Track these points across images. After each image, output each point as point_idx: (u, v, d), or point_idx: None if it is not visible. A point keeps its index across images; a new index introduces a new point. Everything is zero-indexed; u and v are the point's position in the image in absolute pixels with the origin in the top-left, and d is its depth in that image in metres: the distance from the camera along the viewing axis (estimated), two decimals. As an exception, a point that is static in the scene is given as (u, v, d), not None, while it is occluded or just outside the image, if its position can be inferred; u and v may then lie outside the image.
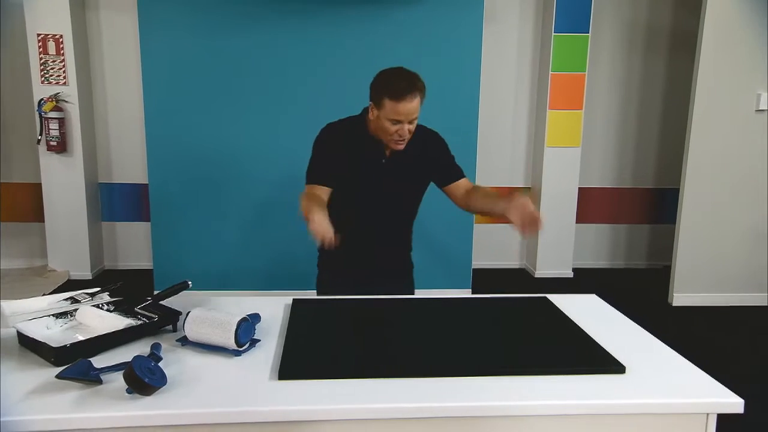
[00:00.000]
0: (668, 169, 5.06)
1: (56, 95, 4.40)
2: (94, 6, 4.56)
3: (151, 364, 1.31)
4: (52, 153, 4.45)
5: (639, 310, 4.13)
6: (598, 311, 1.94)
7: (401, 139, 1.99)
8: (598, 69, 4.92)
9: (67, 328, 1.62)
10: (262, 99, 4.07)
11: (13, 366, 1.42)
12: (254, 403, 1.28)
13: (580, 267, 5.09)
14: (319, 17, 3.99)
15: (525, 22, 4.84)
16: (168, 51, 3.98)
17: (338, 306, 1.89)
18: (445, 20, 4.04)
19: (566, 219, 4.87)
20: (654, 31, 4.93)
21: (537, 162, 4.93)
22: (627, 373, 1.46)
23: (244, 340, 1.51)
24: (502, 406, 1.33)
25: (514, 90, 4.94)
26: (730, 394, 1.37)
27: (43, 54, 4.38)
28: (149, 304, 1.71)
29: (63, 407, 1.24)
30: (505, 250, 5.18)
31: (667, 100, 5.04)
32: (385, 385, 1.37)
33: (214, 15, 3.95)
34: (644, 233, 5.27)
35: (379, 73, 2.01)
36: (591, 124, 4.98)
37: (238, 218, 4.21)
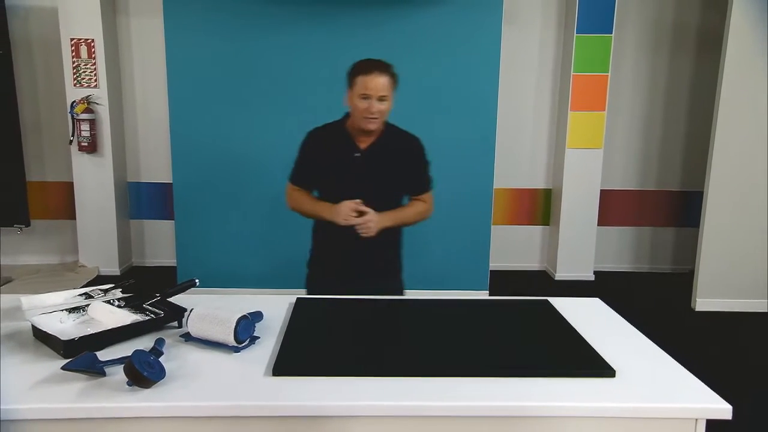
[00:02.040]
0: (694, 171, 4.96)
1: (87, 97, 4.56)
2: (124, 11, 4.72)
3: (150, 358, 1.38)
4: (83, 153, 4.62)
5: (661, 315, 4.16)
6: (599, 315, 1.94)
7: (371, 116, 2.12)
8: (622, 70, 4.86)
9: (79, 322, 1.70)
10: (282, 100, 4.15)
11: (26, 357, 1.51)
12: (247, 398, 1.34)
13: (601, 270, 5.04)
14: (339, 19, 4.04)
15: (547, 24, 4.82)
16: (192, 54, 4.09)
17: (339, 305, 1.93)
18: (463, 22, 4.05)
19: (587, 221, 4.83)
20: (680, 30, 4.84)
21: (558, 164, 4.90)
22: (617, 377, 1.46)
23: (243, 337, 1.57)
24: (489, 406, 1.35)
25: (536, 91, 4.91)
26: (719, 399, 1.37)
27: (76, 58, 4.55)
28: (157, 300, 1.78)
29: (67, 397, 1.31)
30: (525, 252, 5.16)
31: (694, 100, 4.94)
32: (378, 383, 1.40)
33: (236, 19, 4.05)
34: (669, 236, 5.18)
35: None
36: (614, 125, 4.92)
37: (259, 217, 4.30)
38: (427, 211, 2.37)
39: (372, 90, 2.09)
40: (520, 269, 5.13)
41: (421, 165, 2.32)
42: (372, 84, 2.09)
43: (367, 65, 2.14)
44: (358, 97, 2.12)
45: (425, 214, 2.36)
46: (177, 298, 1.84)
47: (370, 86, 2.09)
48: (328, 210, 2.14)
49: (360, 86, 2.11)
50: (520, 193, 5.08)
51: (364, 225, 2.09)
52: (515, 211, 5.10)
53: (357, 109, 2.14)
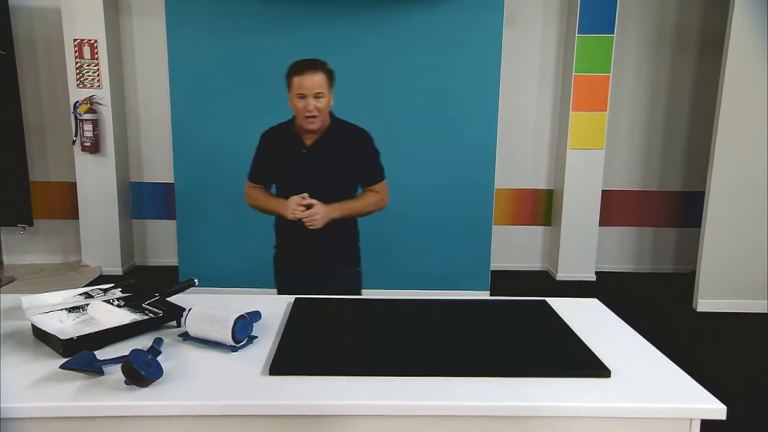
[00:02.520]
0: (696, 172, 4.96)
1: (90, 98, 4.59)
2: (126, 12, 4.74)
3: (147, 358, 1.39)
4: (86, 153, 4.64)
5: (662, 316, 4.16)
6: (597, 315, 1.95)
7: (310, 114, 2.18)
8: (624, 70, 4.86)
9: (78, 321, 1.72)
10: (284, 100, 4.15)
11: (26, 356, 1.52)
12: (243, 397, 1.35)
13: (603, 270, 5.04)
14: (340, 20, 4.06)
15: (548, 24, 4.82)
16: (194, 54, 4.11)
17: (338, 306, 1.94)
18: (464, 22, 4.06)
19: (589, 222, 4.83)
20: (681, 31, 4.84)
21: (560, 164, 4.90)
22: (613, 377, 1.47)
23: (240, 337, 1.58)
24: (485, 406, 1.36)
25: (537, 92, 4.92)
26: (714, 400, 1.37)
27: (79, 58, 4.58)
28: (156, 300, 1.80)
29: (65, 396, 1.32)
30: (527, 252, 5.17)
31: (696, 101, 4.94)
32: (373, 383, 1.41)
33: (238, 19, 4.06)
34: (671, 237, 5.18)
35: None
36: (615, 126, 4.92)
37: (261, 217, 4.29)
38: (381, 201, 2.40)
39: (307, 89, 2.16)
40: (521, 269, 5.14)
41: (369, 156, 2.37)
42: (306, 83, 2.15)
43: (300, 65, 2.20)
44: (295, 97, 2.19)
45: (379, 204, 2.39)
46: (176, 298, 1.85)
47: (304, 85, 2.16)
48: (281, 205, 2.23)
49: (296, 86, 2.18)
50: (521, 194, 5.08)
51: (310, 218, 2.14)
52: (517, 211, 5.11)
53: (297, 110, 2.22)
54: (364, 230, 4.24)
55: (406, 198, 4.28)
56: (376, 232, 4.33)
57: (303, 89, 2.16)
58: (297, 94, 2.18)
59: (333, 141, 2.29)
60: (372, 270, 4.30)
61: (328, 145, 2.29)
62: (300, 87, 2.16)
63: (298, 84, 2.17)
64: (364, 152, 2.35)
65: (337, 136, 2.30)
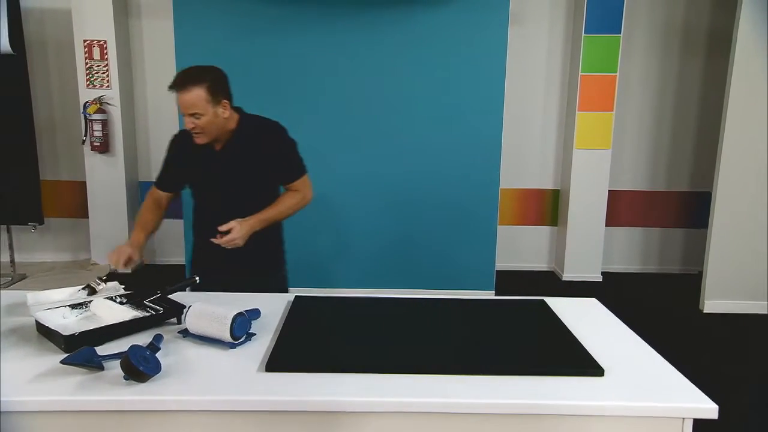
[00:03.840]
0: (704, 172, 4.93)
1: (100, 98, 4.65)
2: (136, 14, 4.79)
3: (146, 353, 1.42)
4: (95, 153, 4.70)
5: (669, 317, 4.15)
6: (595, 315, 1.95)
7: (192, 131, 2.08)
8: (631, 70, 4.84)
9: (81, 318, 1.75)
10: (291, 101, 4.19)
11: (29, 351, 1.56)
12: (238, 392, 1.37)
13: (609, 271, 5.02)
14: (345, 21, 4.08)
15: (555, 24, 4.81)
16: (201, 56, 4.08)
17: (336, 304, 1.96)
18: (469, 22, 4.06)
19: (595, 222, 4.82)
20: (689, 31, 4.81)
21: (566, 164, 4.89)
22: (606, 376, 1.48)
23: (239, 334, 1.61)
24: (478, 404, 1.37)
25: (543, 91, 4.91)
26: (706, 399, 1.38)
27: (89, 59, 4.63)
28: (158, 297, 1.82)
29: (65, 390, 1.36)
30: (533, 252, 5.16)
31: (704, 101, 4.91)
32: (368, 380, 1.43)
33: (245, 21, 4.09)
34: (678, 237, 5.15)
35: None
36: (622, 126, 4.90)
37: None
38: (303, 200, 2.28)
39: (183, 108, 2.05)
40: (527, 270, 5.13)
41: (283, 151, 2.24)
42: (181, 101, 2.04)
43: (177, 81, 2.06)
44: None
45: (301, 204, 2.27)
46: (178, 296, 1.88)
47: (180, 104, 2.05)
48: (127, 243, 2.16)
49: (177, 102, 2.06)
50: (528, 194, 5.07)
51: (230, 242, 2.04)
52: (523, 211, 5.10)
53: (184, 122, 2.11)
54: (371, 230, 4.30)
55: (412, 198, 4.30)
56: (381, 232, 4.37)
57: (180, 107, 2.05)
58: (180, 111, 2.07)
59: (243, 141, 2.18)
60: (377, 269, 4.37)
61: (239, 146, 2.17)
62: (178, 104, 2.06)
63: (177, 101, 2.06)
64: (278, 148, 2.22)
65: (246, 136, 2.18)
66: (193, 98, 2.02)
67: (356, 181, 4.28)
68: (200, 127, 2.07)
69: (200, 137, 2.11)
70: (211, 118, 2.07)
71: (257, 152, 2.19)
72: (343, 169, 4.26)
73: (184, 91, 2.02)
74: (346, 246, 4.36)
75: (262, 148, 2.20)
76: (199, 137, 2.11)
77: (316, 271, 4.33)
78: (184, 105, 2.03)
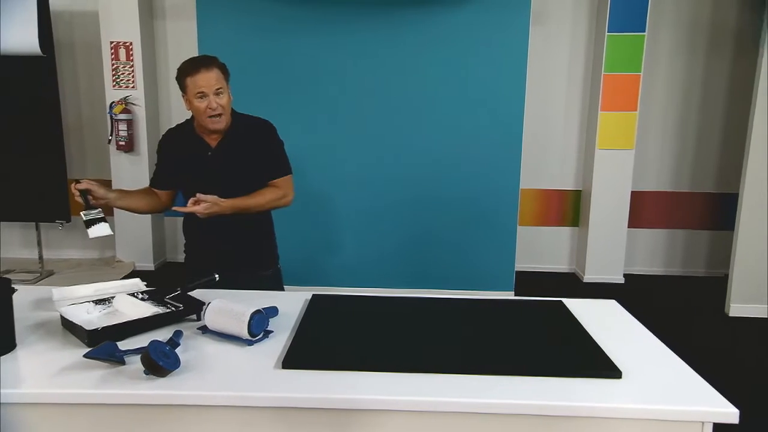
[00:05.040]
0: (730, 173, 4.83)
1: (125, 98, 4.73)
2: (161, 15, 4.87)
3: (166, 349, 1.44)
4: (120, 152, 4.79)
5: (693, 320, 4.09)
6: (614, 317, 1.93)
7: (214, 112, 2.07)
8: (655, 70, 4.77)
9: (104, 313, 1.79)
10: (312, 100, 4.22)
11: (54, 345, 1.60)
12: (255, 389, 1.39)
13: (632, 273, 4.96)
14: (364, 21, 4.09)
15: (577, 22, 4.77)
16: (223, 56, 4.15)
17: (354, 302, 1.97)
18: (490, 22, 4.05)
19: (618, 223, 4.76)
20: (716, 30, 4.72)
21: (588, 164, 4.84)
22: (624, 378, 1.46)
23: (256, 331, 1.63)
24: (494, 404, 1.37)
25: (565, 91, 4.86)
26: (727, 403, 1.35)
27: (115, 60, 4.72)
28: (178, 294, 1.86)
29: (88, 384, 1.39)
30: (554, 253, 5.11)
31: (730, 101, 4.81)
32: (384, 378, 1.44)
33: (267, 22, 4.13)
34: (704, 239, 5.05)
35: None
36: (646, 126, 4.83)
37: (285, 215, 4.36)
38: (283, 198, 2.25)
39: (205, 86, 2.05)
40: (548, 271, 5.09)
41: (271, 147, 2.25)
42: (203, 81, 2.04)
43: (190, 65, 2.07)
44: (194, 97, 2.07)
45: (280, 201, 2.25)
46: (198, 293, 1.91)
47: (201, 83, 2.04)
48: None
49: (192, 87, 2.06)
50: (549, 194, 5.03)
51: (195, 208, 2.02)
52: (544, 212, 5.06)
53: (198, 111, 2.09)
54: (390, 229, 4.30)
55: (432, 198, 4.29)
56: (400, 231, 4.37)
57: (201, 87, 2.04)
58: (196, 94, 2.05)
59: (238, 139, 2.19)
60: (395, 269, 4.38)
61: (234, 144, 2.18)
62: (197, 86, 2.05)
63: (193, 84, 2.05)
64: (268, 143, 2.24)
65: (240, 134, 2.20)
66: (215, 75, 2.06)
67: (375, 181, 4.29)
68: (222, 107, 2.09)
69: (221, 120, 2.11)
70: (228, 98, 2.12)
71: (249, 150, 2.19)
72: (362, 169, 4.28)
73: (206, 69, 2.05)
74: (364, 245, 4.37)
75: (253, 146, 2.20)
76: (219, 121, 2.11)
77: (334, 269, 4.35)
78: (210, 82, 2.04)
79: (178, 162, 2.25)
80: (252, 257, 2.30)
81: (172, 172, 2.28)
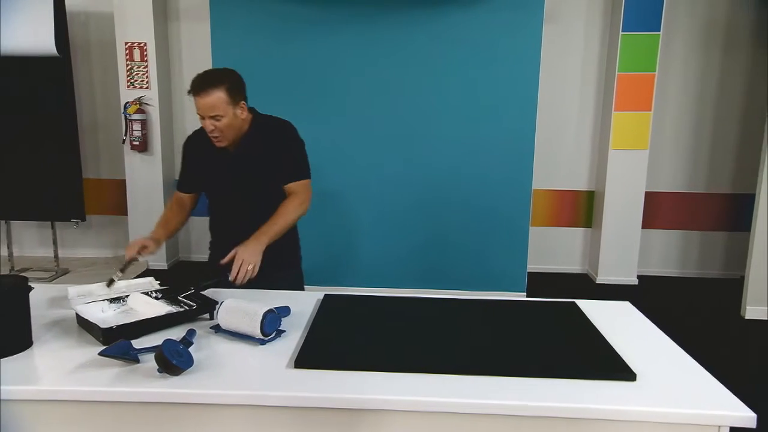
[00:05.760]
0: (746, 174, 4.78)
1: (139, 99, 4.77)
2: (174, 17, 4.91)
3: (179, 348, 1.45)
4: (134, 152, 4.83)
5: (708, 322, 4.04)
6: (628, 318, 1.91)
7: (212, 134, 2.08)
8: (670, 69, 4.72)
9: (119, 312, 1.80)
10: (326, 101, 4.23)
11: (69, 343, 1.61)
12: (267, 388, 1.39)
13: (645, 274, 4.91)
14: (377, 21, 4.10)
15: (591, 22, 4.73)
16: (237, 57, 4.21)
17: (366, 303, 1.97)
18: (503, 21, 4.03)
19: (631, 224, 4.72)
20: (733, 29, 4.66)
21: (601, 165, 4.81)
22: (638, 381, 1.45)
23: (269, 330, 1.63)
24: (507, 405, 1.36)
25: (579, 91, 4.83)
26: (743, 407, 1.34)
27: (129, 60, 4.76)
28: (191, 293, 1.87)
29: (103, 381, 1.40)
30: (567, 254, 5.08)
31: (747, 101, 4.75)
32: (396, 379, 1.44)
33: (280, 23, 4.15)
34: (719, 241, 5.00)
35: None
36: (661, 126, 4.79)
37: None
38: (302, 205, 2.19)
39: (201, 111, 2.05)
40: (561, 272, 5.06)
41: (290, 149, 2.21)
42: (201, 104, 2.04)
43: (196, 84, 2.05)
44: (199, 116, 2.08)
45: (300, 209, 2.18)
46: (211, 292, 1.92)
47: (200, 106, 2.04)
48: None
49: (196, 106, 2.06)
50: (562, 195, 5.00)
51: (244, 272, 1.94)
52: (557, 212, 5.03)
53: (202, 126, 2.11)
54: (402, 229, 4.30)
55: (444, 198, 4.29)
56: (412, 232, 4.36)
57: (199, 110, 2.06)
58: (198, 113, 2.07)
59: (256, 142, 2.18)
60: (407, 269, 4.37)
61: (252, 147, 2.18)
62: (197, 108, 2.06)
63: (196, 104, 2.06)
64: (286, 145, 2.20)
65: (259, 137, 2.18)
66: (213, 100, 2.03)
67: (387, 181, 4.29)
68: (220, 130, 2.08)
69: (220, 140, 2.11)
70: (230, 120, 2.08)
71: (267, 153, 2.18)
72: (375, 169, 4.28)
73: (204, 94, 2.02)
74: (377, 245, 4.38)
75: (271, 149, 2.19)
76: (219, 140, 2.11)
77: (346, 269, 4.36)
78: (205, 107, 2.04)
79: (200, 164, 2.27)
80: (274, 259, 2.24)
81: (195, 175, 2.30)
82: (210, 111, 2.04)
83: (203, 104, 2.03)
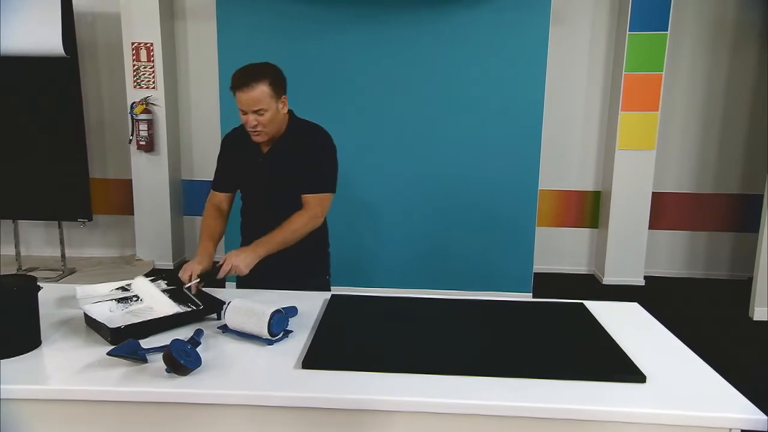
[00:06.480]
0: (755, 174, 4.75)
1: (146, 99, 4.78)
2: (181, 17, 4.92)
3: (187, 347, 1.45)
4: (141, 152, 4.84)
5: (716, 324, 4.02)
6: (636, 320, 1.90)
7: (253, 129, 2.06)
8: (678, 69, 4.70)
9: (127, 311, 1.80)
10: (332, 101, 4.23)
11: (77, 343, 1.62)
12: (275, 388, 1.39)
13: (652, 275, 4.89)
14: (384, 21, 4.09)
15: (598, 22, 4.72)
16: (243, 58, 4.17)
17: (373, 303, 1.97)
18: (510, 21, 4.02)
19: (638, 224, 4.70)
20: (741, 28, 4.64)
21: (608, 165, 4.79)
22: (648, 383, 1.44)
23: (276, 330, 1.63)
24: (516, 407, 1.36)
25: (586, 91, 4.82)
26: (755, 410, 1.33)
27: (136, 60, 4.77)
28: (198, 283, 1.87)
29: (111, 381, 1.40)
30: (573, 254, 5.07)
31: (755, 100, 4.72)
32: (403, 379, 1.43)
33: (286, 23, 4.15)
34: (727, 242, 4.97)
35: None
36: (668, 126, 4.76)
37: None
38: (313, 219, 2.13)
39: (245, 105, 2.02)
40: (567, 272, 5.05)
41: (314, 156, 2.16)
42: (244, 99, 2.01)
43: (239, 78, 2.02)
44: (240, 111, 2.06)
45: (310, 224, 2.12)
46: (218, 292, 1.92)
47: (242, 101, 2.01)
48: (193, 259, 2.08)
49: (237, 101, 2.04)
50: (568, 195, 4.99)
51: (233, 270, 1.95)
52: (563, 212, 5.02)
53: (243, 122, 2.09)
54: (408, 230, 4.30)
55: (450, 198, 4.28)
56: (419, 232, 4.36)
57: (241, 105, 2.03)
58: (239, 109, 2.05)
59: (289, 146, 2.16)
60: (414, 269, 4.37)
61: (283, 150, 2.16)
62: (239, 103, 2.03)
63: (237, 99, 2.03)
64: (311, 153, 2.16)
65: (293, 142, 2.16)
66: (257, 94, 2.00)
67: (394, 182, 4.29)
68: (263, 124, 2.05)
69: (261, 135, 2.09)
70: (273, 114, 2.06)
71: (297, 157, 2.16)
72: (381, 170, 4.28)
73: (247, 88, 1.99)
74: (383, 246, 4.37)
75: (301, 153, 2.16)
76: (259, 135, 2.09)
77: (353, 270, 4.35)
78: (249, 102, 2.01)
79: (234, 163, 2.26)
80: (306, 263, 2.26)
81: (229, 175, 2.29)
82: (254, 105, 2.01)
83: (247, 99, 2.01)
